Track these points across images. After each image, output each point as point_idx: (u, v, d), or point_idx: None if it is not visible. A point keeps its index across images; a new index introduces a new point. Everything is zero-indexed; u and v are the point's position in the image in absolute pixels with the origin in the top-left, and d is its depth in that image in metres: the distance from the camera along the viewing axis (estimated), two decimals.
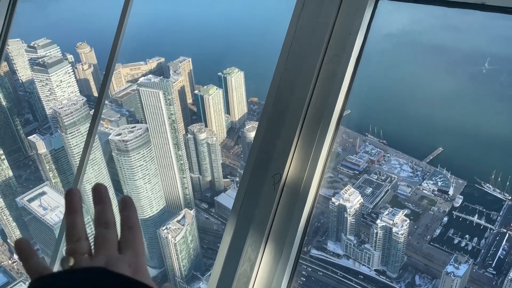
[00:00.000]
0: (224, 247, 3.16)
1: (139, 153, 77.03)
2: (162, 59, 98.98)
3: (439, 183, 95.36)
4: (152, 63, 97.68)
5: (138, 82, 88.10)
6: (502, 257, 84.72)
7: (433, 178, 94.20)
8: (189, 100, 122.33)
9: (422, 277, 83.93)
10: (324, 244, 62.24)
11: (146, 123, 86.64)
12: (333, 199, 72.40)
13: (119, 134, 72.01)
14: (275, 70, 2.70)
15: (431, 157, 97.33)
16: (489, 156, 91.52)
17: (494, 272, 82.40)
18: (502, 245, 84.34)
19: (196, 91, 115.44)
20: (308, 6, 2.63)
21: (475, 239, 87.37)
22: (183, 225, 79.73)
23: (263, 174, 2.73)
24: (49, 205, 57.76)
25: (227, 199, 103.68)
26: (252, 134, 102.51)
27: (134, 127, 79.79)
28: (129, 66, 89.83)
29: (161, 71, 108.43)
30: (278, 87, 2.63)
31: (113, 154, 73.72)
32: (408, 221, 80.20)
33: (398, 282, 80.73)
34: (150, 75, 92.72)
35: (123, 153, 76.60)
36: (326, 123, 2.52)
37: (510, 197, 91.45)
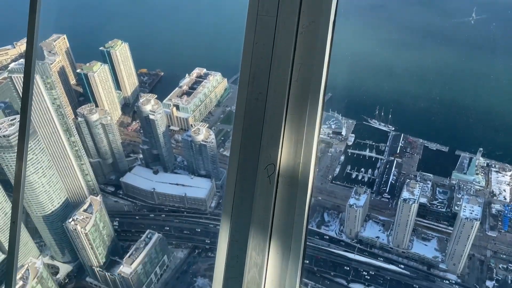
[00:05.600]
0: (222, 256, 2.71)
1: None
2: None
3: (333, 126, 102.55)
4: (22, 46, 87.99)
5: (9, 68, 78.75)
6: (393, 182, 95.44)
7: (327, 122, 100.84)
8: (73, 80, 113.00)
9: (329, 213, 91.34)
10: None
11: None
12: None
13: None
14: (243, 46, 2.27)
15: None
16: (370, 94, 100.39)
17: (389, 196, 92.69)
18: (392, 171, 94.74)
19: (78, 70, 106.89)
20: None
21: (370, 171, 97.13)
22: (91, 213, 75.95)
23: (254, 168, 2.34)
24: None
25: (134, 178, 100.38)
26: (148, 107, 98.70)
27: (14, 119, 72.01)
28: None
29: None
30: (251, 65, 2.20)
31: None
32: None
33: (310, 222, 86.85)
34: (22, 60, 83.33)
35: (6, 149, 69.25)
36: (315, 98, 2.20)
37: (393, 128, 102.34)
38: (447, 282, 78.37)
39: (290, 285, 2.53)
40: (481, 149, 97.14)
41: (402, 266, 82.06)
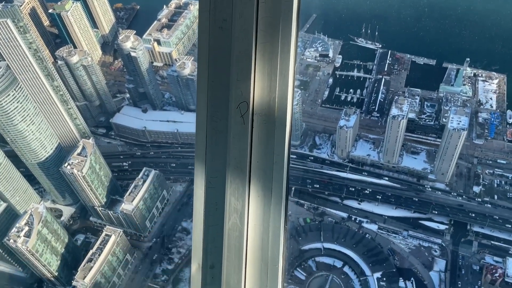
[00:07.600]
0: (199, 204, 2.53)
1: (9, 95, 68.85)
2: None
3: (320, 49, 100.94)
4: None
5: None
6: (382, 100, 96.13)
7: (313, 45, 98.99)
8: (46, 22, 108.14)
9: (320, 137, 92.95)
10: None
11: (5, 60, 75.94)
12: None
13: None
14: None
15: (308, 26, 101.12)
16: (356, 12, 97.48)
17: (378, 115, 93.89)
18: (380, 89, 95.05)
19: (51, 10, 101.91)
20: None
21: (358, 91, 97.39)
22: (85, 156, 76.59)
23: (224, 108, 2.16)
24: None
25: (123, 118, 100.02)
26: (128, 44, 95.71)
27: None
28: None
29: None
30: None
31: None
32: (299, 91, 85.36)
33: (302, 147, 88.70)
34: None
35: None
36: (287, 21, 1.89)
37: (380, 45, 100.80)
38: (430, 189, 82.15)
39: (274, 229, 2.43)
40: (468, 59, 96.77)
41: (391, 180, 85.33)
